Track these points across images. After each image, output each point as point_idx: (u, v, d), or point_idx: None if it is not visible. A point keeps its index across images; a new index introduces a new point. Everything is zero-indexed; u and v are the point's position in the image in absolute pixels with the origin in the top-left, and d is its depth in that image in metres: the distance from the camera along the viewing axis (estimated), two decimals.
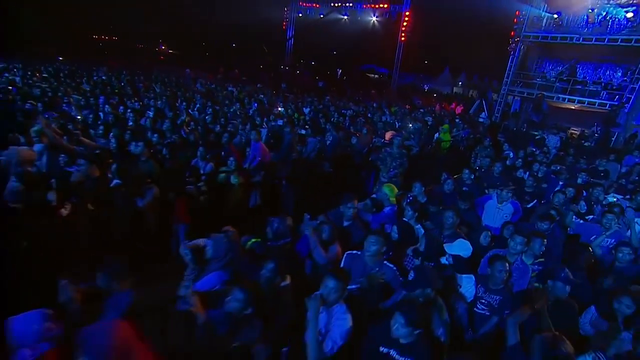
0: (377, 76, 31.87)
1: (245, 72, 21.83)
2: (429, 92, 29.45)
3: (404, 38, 22.77)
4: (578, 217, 4.72)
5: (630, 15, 14.45)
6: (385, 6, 23.39)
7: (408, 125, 8.43)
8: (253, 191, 4.88)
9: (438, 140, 8.69)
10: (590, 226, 4.16)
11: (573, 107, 15.96)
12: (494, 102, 17.30)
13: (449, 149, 8.73)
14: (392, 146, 5.41)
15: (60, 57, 22.90)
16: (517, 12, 16.58)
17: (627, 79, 14.93)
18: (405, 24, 22.40)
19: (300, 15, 27.60)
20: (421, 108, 15.03)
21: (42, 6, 24.76)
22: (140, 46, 37.47)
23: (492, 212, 3.95)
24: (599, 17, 15.17)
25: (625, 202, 5.01)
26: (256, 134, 5.03)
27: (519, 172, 5.90)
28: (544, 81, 16.73)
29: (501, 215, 3.90)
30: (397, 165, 5.39)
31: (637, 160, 8.83)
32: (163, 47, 40.14)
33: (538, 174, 6.05)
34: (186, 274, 2.37)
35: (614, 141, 13.49)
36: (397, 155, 5.37)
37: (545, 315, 2.24)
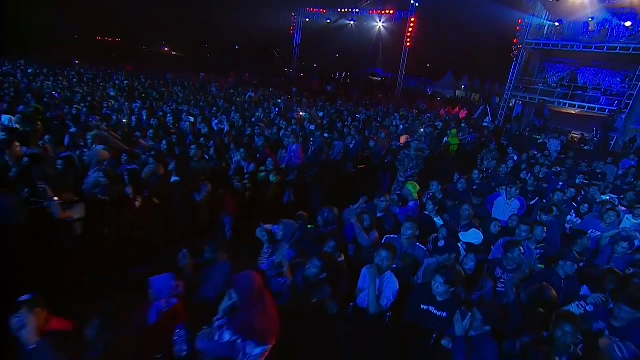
0: (379, 79, 32.41)
1: (255, 76, 22.46)
2: (432, 95, 30.02)
3: (409, 43, 23.42)
4: (578, 216, 5.34)
5: (628, 24, 15.06)
6: (391, 12, 24.09)
7: (420, 129, 9.03)
8: (287, 189, 5.50)
9: (446, 143, 9.29)
10: (588, 221, 4.77)
11: (574, 112, 16.49)
12: (497, 107, 17.89)
13: (457, 151, 9.33)
14: (410, 149, 6.03)
15: (77, 61, 23.62)
16: (519, 20, 17.21)
17: (625, 85, 15.53)
18: (410, 30, 23.06)
19: (308, 21, 28.30)
20: (427, 112, 15.64)
21: (46, 8, 24.91)
22: (144, 48, 38.07)
23: (501, 207, 4.56)
24: (599, 26, 15.79)
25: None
26: (294, 138, 5.65)
27: (522, 174, 6.50)
28: (545, 86, 17.28)
29: (510, 209, 4.51)
30: (413, 166, 6.00)
31: (632, 163, 9.45)
32: (166, 49, 40.76)
33: (539, 175, 6.65)
34: (263, 251, 2.97)
35: (614, 145, 14.05)
36: (414, 157, 5.98)
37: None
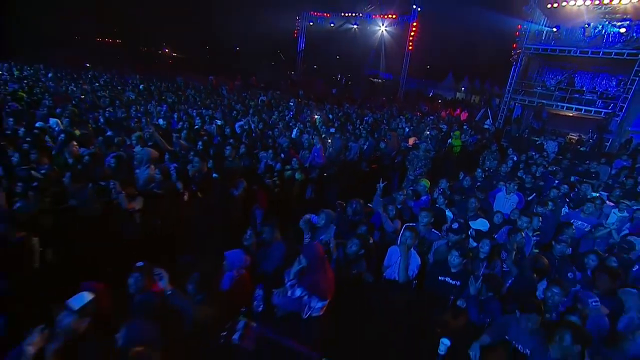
0: (380, 81, 32.93)
1: (262, 79, 23.07)
2: (433, 97, 30.61)
3: (411, 47, 24.11)
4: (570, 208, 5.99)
5: (623, 30, 15.73)
6: (394, 17, 24.80)
7: (425, 131, 9.66)
8: (309, 185, 6.11)
9: (450, 145, 9.91)
10: (570, 213, 5.44)
11: (571, 114, 17.11)
12: (497, 109, 18.54)
13: (460, 152, 9.95)
14: (418, 150, 6.65)
15: (88, 64, 24.21)
16: (518, 26, 17.87)
17: (620, 88, 16.17)
18: (412, 34, 23.75)
19: (312, 25, 28.99)
20: (430, 115, 16.27)
21: (49, 9, 24.63)
22: (145, 49, 38.46)
23: (502, 201, 5.18)
24: (595, 31, 16.45)
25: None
26: (319, 139, 6.28)
27: (519, 172, 7.13)
28: (544, 90, 17.91)
29: (509, 203, 5.13)
30: (422, 166, 6.63)
31: (624, 163, 10.08)
32: (167, 50, 41.25)
33: (537, 174, 7.28)
34: (304, 238, 3.58)
35: (609, 146, 14.69)
36: (422, 158, 6.61)
37: None
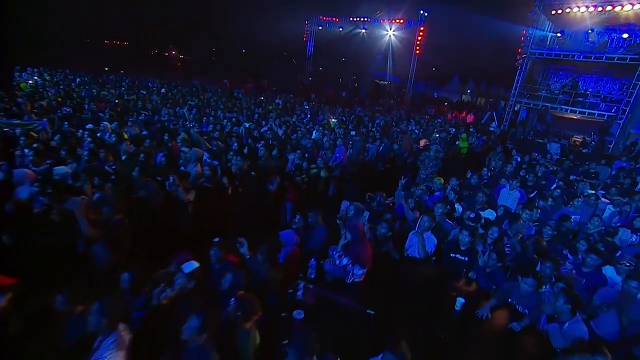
0: (386, 83, 33.46)
1: (274, 82, 23.85)
2: (439, 100, 31.13)
3: (418, 51, 24.77)
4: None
5: (625, 36, 16.25)
6: (402, 22, 25.48)
7: (434, 134, 10.33)
8: (331, 183, 6.82)
9: (457, 146, 10.56)
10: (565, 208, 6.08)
11: (575, 117, 17.61)
12: (503, 112, 19.11)
13: (467, 153, 10.60)
14: (429, 151, 7.33)
15: (106, 68, 25.22)
16: (523, 32, 18.44)
17: (623, 92, 16.64)
18: (419, 39, 24.41)
19: (321, 29, 29.78)
20: (437, 118, 16.91)
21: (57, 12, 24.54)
22: (155, 51, 39.32)
23: (505, 196, 5.85)
24: (598, 37, 16.97)
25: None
26: (341, 141, 6.98)
27: (521, 172, 7.77)
28: (548, 93, 18.44)
29: (512, 198, 5.79)
30: (433, 166, 7.30)
31: (624, 164, 10.65)
32: (174, 53, 42.15)
33: (539, 174, 7.91)
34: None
35: (613, 148, 15.18)
36: (433, 158, 7.28)
37: None
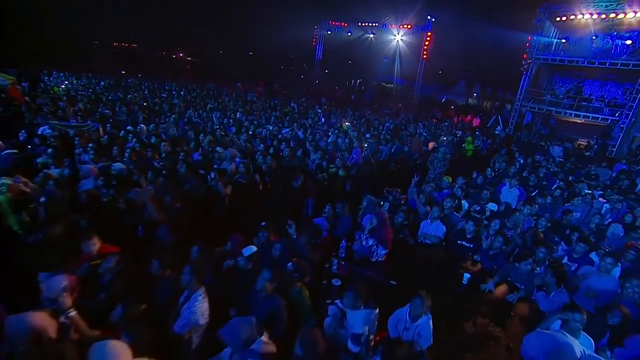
0: (392, 85, 34.01)
1: (285, 86, 24.60)
2: (445, 103, 31.63)
3: (425, 56, 25.40)
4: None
5: (629, 42, 16.69)
6: (409, 27, 26.13)
7: (442, 137, 10.93)
8: (348, 180, 7.46)
9: (464, 149, 11.14)
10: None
11: (579, 121, 18.04)
12: (508, 116, 19.61)
13: (472, 155, 11.18)
14: (438, 153, 7.94)
15: (123, 71, 26.23)
16: (529, 38, 18.95)
17: (627, 97, 17.06)
18: (427, 43, 25.04)
19: (329, 33, 30.55)
20: (444, 121, 17.49)
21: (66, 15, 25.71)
22: (163, 53, 40.27)
23: (506, 193, 6.46)
24: (602, 43, 17.43)
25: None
26: (358, 143, 7.64)
27: (524, 173, 8.35)
28: (553, 97, 18.90)
29: (512, 196, 6.40)
30: (441, 166, 7.91)
31: (624, 167, 11.15)
32: (181, 55, 42.68)
33: (540, 175, 8.48)
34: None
35: (616, 151, 15.60)
36: (441, 159, 7.89)
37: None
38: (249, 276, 3.19)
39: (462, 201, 5.97)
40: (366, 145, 7.79)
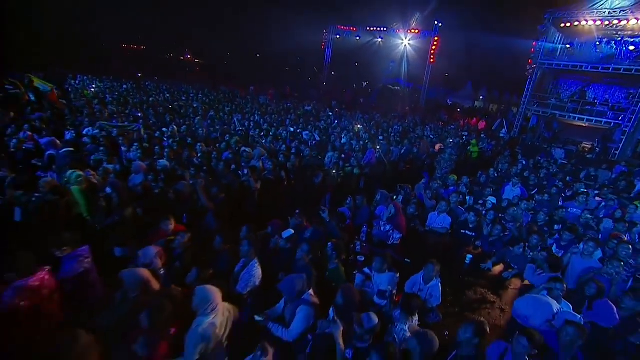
0: (398, 88, 34.49)
1: (296, 89, 25.36)
2: (452, 106, 32.06)
3: (432, 60, 26.01)
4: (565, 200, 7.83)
5: (632, 48, 17.15)
6: (417, 31, 26.78)
7: (448, 139, 11.58)
8: (362, 178, 8.17)
9: (469, 151, 11.78)
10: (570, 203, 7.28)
11: (583, 125, 18.48)
12: (513, 119, 20.12)
13: (477, 157, 11.81)
14: (445, 154, 8.62)
15: (139, 74, 27.21)
16: (534, 43, 19.47)
17: (629, 101, 17.49)
18: (434, 48, 25.67)
19: (338, 37, 31.31)
20: (450, 124, 18.10)
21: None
22: (171, 55, 41.06)
23: (509, 191, 7.10)
24: (606, 49, 17.90)
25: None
26: (372, 144, 8.36)
27: (525, 173, 8.99)
28: (557, 101, 19.36)
29: (513, 194, 7.04)
30: (447, 166, 8.59)
31: (623, 169, 11.68)
32: (189, 57, 43.36)
33: (540, 175, 9.10)
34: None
35: (619, 154, 16.04)
36: (448, 160, 8.57)
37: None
38: (288, 254, 3.92)
39: (466, 197, 6.67)
40: (379, 147, 8.50)
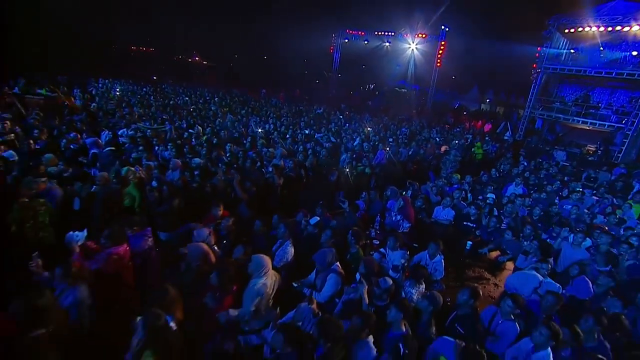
0: (405, 90, 34.91)
1: (306, 92, 26.12)
2: (458, 109, 32.50)
3: (439, 64, 26.60)
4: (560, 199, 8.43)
5: (635, 53, 17.58)
6: (424, 36, 27.41)
7: (454, 141, 12.23)
8: (373, 177, 8.86)
9: (473, 152, 12.39)
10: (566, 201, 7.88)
11: (587, 128, 18.91)
12: (518, 122, 20.63)
13: (482, 158, 12.42)
14: (450, 155, 9.28)
15: (155, 77, 28.22)
16: (538, 48, 19.96)
17: (632, 105, 17.87)
18: (440, 52, 26.26)
19: (347, 41, 32.07)
20: (456, 127, 18.70)
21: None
22: (179, 57, 41.90)
23: (512, 190, 7.73)
24: (609, 54, 18.34)
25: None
26: (382, 146, 9.07)
27: (525, 174, 9.59)
28: (562, 105, 19.83)
29: (516, 192, 7.66)
30: (452, 167, 9.24)
31: (622, 171, 12.19)
32: (197, 59, 43.72)
33: (541, 175, 9.69)
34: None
35: (622, 157, 16.45)
36: (453, 161, 9.23)
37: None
38: (315, 238, 4.63)
39: (468, 194, 7.32)
40: (388, 148, 9.19)
